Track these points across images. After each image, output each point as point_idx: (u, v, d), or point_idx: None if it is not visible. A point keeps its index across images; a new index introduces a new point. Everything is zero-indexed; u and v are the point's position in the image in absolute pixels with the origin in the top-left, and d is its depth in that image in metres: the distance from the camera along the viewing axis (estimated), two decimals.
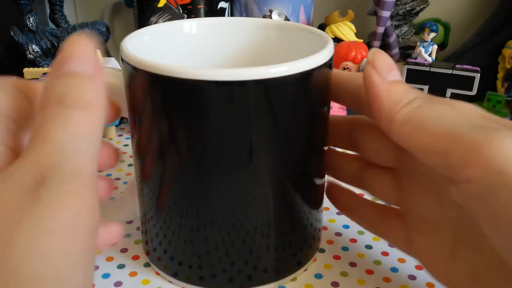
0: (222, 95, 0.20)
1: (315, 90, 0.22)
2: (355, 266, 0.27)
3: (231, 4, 0.55)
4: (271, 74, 0.20)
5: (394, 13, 0.55)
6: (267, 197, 0.23)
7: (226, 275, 0.24)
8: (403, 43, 0.56)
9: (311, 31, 0.26)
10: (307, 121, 0.23)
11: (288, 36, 0.28)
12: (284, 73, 0.20)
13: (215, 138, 0.21)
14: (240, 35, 0.29)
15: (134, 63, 0.21)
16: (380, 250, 0.28)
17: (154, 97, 0.21)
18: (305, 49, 0.24)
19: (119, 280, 0.26)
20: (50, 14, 0.56)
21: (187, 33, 0.28)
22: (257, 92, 0.20)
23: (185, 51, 0.28)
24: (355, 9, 0.54)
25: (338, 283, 0.26)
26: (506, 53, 0.46)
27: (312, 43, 0.25)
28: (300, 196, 0.24)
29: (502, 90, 0.47)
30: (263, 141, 0.21)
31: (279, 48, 0.28)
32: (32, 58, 0.50)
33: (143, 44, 0.25)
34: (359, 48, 0.47)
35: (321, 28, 0.54)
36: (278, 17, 0.47)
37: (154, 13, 0.50)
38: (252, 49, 0.29)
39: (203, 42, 0.29)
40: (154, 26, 0.27)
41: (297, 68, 0.20)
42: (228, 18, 0.30)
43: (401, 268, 0.27)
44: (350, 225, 0.31)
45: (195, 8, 0.50)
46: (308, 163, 0.24)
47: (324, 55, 0.22)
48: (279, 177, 0.23)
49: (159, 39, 0.27)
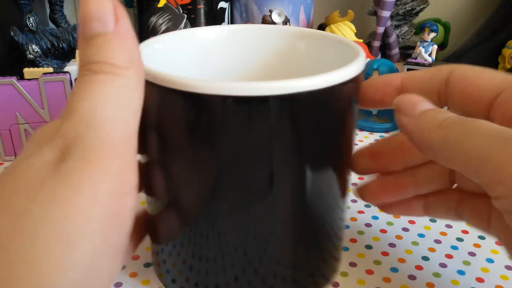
0: (240, 113, 0.17)
1: (345, 107, 0.20)
2: (355, 266, 0.27)
3: (231, 4, 0.55)
4: (296, 88, 0.17)
5: (394, 13, 0.55)
6: (287, 231, 0.20)
7: None
8: (403, 43, 0.56)
9: (342, 42, 0.24)
10: (335, 142, 0.20)
11: (315, 46, 0.25)
12: (312, 87, 0.17)
13: (231, 161, 0.18)
14: (262, 43, 0.26)
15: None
16: (380, 250, 0.28)
17: (162, 115, 0.18)
18: (334, 61, 0.22)
19: (119, 281, 0.26)
20: (50, 14, 0.56)
21: (204, 42, 0.26)
22: (280, 109, 0.17)
23: (200, 62, 0.26)
24: (355, 9, 0.54)
25: (338, 283, 0.26)
26: (506, 53, 0.46)
27: (341, 54, 0.23)
28: (324, 231, 0.22)
29: None
30: (286, 166, 0.19)
31: (305, 59, 0.26)
32: (32, 58, 0.50)
33: (154, 55, 0.23)
34: None
35: (321, 28, 0.54)
36: (278, 17, 0.47)
37: (154, 13, 0.50)
38: (276, 61, 0.26)
39: (220, 52, 0.26)
40: (167, 35, 0.24)
41: (326, 81, 0.18)
42: (248, 26, 0.27)
43: (401, 268, 0.27)
44: (350, 225, 0.31)
45: (195, 8, 0.50)
46: (334, 191, 0.21)
47: (356, 67, 0.19)
48: (302, 207, 0.20)
49: (172, 49, 0.25)
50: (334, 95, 0.19)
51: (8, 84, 0.36)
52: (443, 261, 0.27)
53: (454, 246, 0.28)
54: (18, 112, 0.37)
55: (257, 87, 0.17)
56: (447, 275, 0.26)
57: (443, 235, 0.29)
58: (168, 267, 0.23)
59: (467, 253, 0.28)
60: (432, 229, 0.30)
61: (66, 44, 0.53)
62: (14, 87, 0.37)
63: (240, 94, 0.17)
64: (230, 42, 0.26)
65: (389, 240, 0.29)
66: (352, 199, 0.34)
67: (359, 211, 0.32)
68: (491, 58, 0.49)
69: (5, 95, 0.37)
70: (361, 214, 0.32)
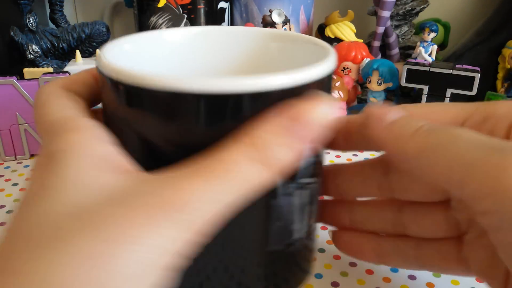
0: (211, 110, 0.17)
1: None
2: (355, 266, 0.27)
3: (231, 4, 0.55)
4: (270, 85, 0.17)
5: (394, 13, 0.55)
6: (259, 223, 0.20)
7: None
8: (403, 43, 0.56)
9: (314, 43, 0.24)
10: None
11: (288, 48, 0.25)
12: (286, 85, 0.18)
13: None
14: (233, 46, 0.26)
15: (108, 72, 0.18)
16: None
17: (130, 113, 0.18)
18: (306, 62, 0.22)
19: None
20: (50, 14, 0.56)
21: (173, 43, 0.26)
22: (252, 105, 0.17)
23: (169, 64, 0.25)
24: (355, 9, 0.54)
25: (338, 283, 0.26)
26: (506, 53, 0.46)
27: (314, 55, 0.23)
28: (294, 219, 0.22)
29: (502, 90, 0.47)
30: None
31: (277, 61, 0.26)
32: (32, 58, 0.50)
33: (124, 55, 0.22)
34: (359, 48, 0.47)
35: (321, 28, 0.54)
36: (278, 17, 0.47)
37: (154, 13, 0.50)
38: (247, 63, 0.26)
39: (190, 54, 0.26)
40: (136, 35, 0.24)
41: (300, 78, 0.18)
42: (217, 28, 0.27)
43: (401, 268, 0.27)
44: None
45: (195, 8, 0.50)
46: (308, 182, 0.21)
47: (328, 65, 0.20)
48: (275, 201, 0.20)
49: (142, 50, 0.24)
50: (306, 93, 0.19)
51: (8, 84, 0.36)
52: None
53: None
54: (18, 112, 0.37)
55: (229, 83, 0.17)
56: (447, 275, 0.26)
57: None
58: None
59: None
60: None
61: (66, 44, 0.53)
62: (14, 87, 0.37)
63: (213, 91, 0.17)
64: (200, 44, 0.26)
65: None
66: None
67: None
68: (491, 58, 0.49)
69: (5, 95, 0.37)
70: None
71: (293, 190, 0.20)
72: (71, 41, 0.53)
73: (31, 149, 0.39)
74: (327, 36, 0.52)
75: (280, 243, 0.21)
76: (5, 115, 0.37)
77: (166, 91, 0.17)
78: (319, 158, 0.21)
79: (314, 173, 0.21)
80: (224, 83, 0.17)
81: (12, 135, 0.38)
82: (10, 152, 0.39)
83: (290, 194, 0.20)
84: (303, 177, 0.20)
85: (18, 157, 0.39)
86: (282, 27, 0.47)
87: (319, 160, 0.22)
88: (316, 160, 0.21)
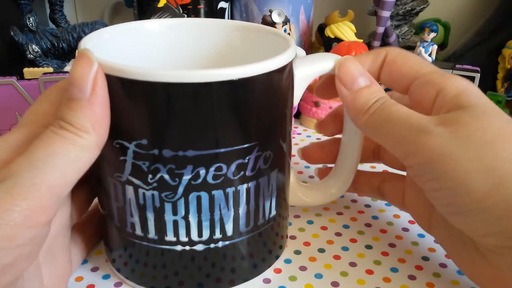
0: (177, 97, 0.20)
1: (277, 91, 0.23)
2: (355, 266, 0.27)
3: (231, 4, 0.55)
4: (235, 75, 0.20)
5: (394, 13, 0.55)
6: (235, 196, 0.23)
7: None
8: (403, 43, 0.56)
9: (275, 33, 0.27)
10: (266, 121, 0.23)
11: (251, 37, 0.28)
12: (249, 74, 0.20)
13: (179, 133, 0.21)
14: (203, 36, 0.29)
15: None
16: (380, 250, 0.28)
17: (111, 102, 0.21)
18: (268, 50, 0.25)
19: (119, 281, 0.26)
20: (50, 14, 0.56)
21: (149, 34, 0.28)
22: (220, 93, 0.20)
23: (147, 53, 0.28)
24: (355, 9, 0.54)
25: (338, 283, 0.26)
26: (506, 53, 0.46)
27: (275, 44, 0.25)
28: (263, 195, 0.24)
29: (502, 90, 0.47)
30: (228, 138, 0.21)
31: (242, 49, 0.28)
32: (32, 58, 0.50)
33: (103, 45, 0.24)
34: (359, 48, 0.47)
35: (321, 28, 0.54)
36: (278, 17, 0.47)
37: (154, 13, 0.50)
38: (215, 51, 0.29)
39: (165, 43, 0.28)
40: (115, 26, 0.27)
41: (261, 69, 0.21)
42: (191, 19, 0.30)
43: (401, 268, 0.27)
44: (350, 225, 0.31)
45: (195, 8, 0.50)
46: (274, 162, 0.24)
47: (287, 56, 0.22)
48: (237, 178, 0.22)
49: (120, 40, 0.27)
50: (269, 80, 0.22)
51: (8, 84, 0.36)
52: (443, 261, 0.27)
53: None
54: (18, 112, 0.37)
55: (201, 75, 0.19)
56: (447, 275, 0.26)
57: None
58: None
59: None
60: None
61: (66, 44, 0.53)
62: (14, 87, 0.37)
63: (187, 81, 0.19)
64: (174, 35, 0.29)
65: (389, 240, 0.29)
66: (352, 199, 0.34)
67: (359, 211, 0.32)
68: (491, 58, 0.49)
69: (5, 95, 0.37)
70: (361, 214, 0.32)
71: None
72: (71, 41, 0.53)
73: None
74: (327, 36, 0.52)
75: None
76: (5, 115, 0.37)
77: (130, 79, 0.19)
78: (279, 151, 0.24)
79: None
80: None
81: None
82: None
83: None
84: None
85: None
86: (282, 27, 0.47)
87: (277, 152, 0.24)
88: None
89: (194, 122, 0.20)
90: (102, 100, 0.20)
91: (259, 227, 0.24)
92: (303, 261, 0.27)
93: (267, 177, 0.24)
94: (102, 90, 0.20)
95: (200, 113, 0.20)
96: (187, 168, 0.21)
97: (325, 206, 0.33)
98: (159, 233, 0.23)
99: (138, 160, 0.21)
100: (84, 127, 0.20)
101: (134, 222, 0.23)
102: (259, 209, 0.24)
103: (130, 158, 0.21)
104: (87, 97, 0.20)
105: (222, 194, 0.22)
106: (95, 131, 0.20)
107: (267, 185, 0.24)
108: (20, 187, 0.18)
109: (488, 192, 0.20)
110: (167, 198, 0.22)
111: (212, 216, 0.22)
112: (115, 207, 0.23)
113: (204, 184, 0.22)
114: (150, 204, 0.22)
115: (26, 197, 0.18)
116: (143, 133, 0.21)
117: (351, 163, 0.29)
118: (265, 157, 0.23)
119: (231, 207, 0.23)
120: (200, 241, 0.23)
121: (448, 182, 0.21)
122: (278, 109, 0.23)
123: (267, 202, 0.24)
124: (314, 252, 0.28)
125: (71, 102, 0.20)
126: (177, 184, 0.21)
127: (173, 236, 0.23)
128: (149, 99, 0.20)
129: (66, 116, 0.20)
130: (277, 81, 0.22)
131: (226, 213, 0.23)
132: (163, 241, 0.23)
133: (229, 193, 0.22)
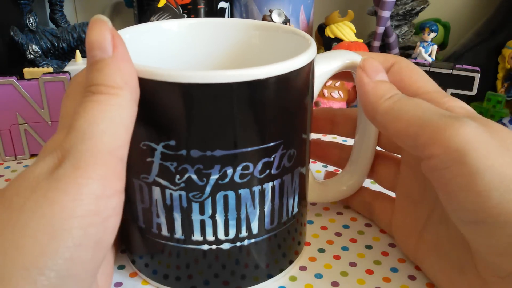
0: (206, 98, 0.20)
1: (300, 90, 0.23)
2: (355, 266, 0.27)
3: (231, 4, 0.55)
4: (255, 76, 0.20)
5: (394, 13, 0.55)
6: (253, 198, 0.23)
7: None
8: (403, 43, 0.56)
9: (294, 32, 0.27)
10: (290, 120, 0.23)
11: (270, 36, 0.28)
12: (277, 73, 0.20)
13: (200, 135, 0.21)
14: (222, 36, 0.29)
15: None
16: (380, 250, 0.28)
17: (138, 105, 0.21)
18: (287, 49, 0.25)
19: (119, 281, 0.26)
20: (50, 14, 0.56)
21: (168, 34, 0.28)
22: (241, 93, 0.20)
23: (165, 53, 0.28)
24: (355, 9, 0.54)
25: (338, 283, 0.26)
26: (506, 53, 0.46)
27: (293, 43, 0.25)
28: (286, 193, 0.24)
29: (502, 90, 0.47)
30: (255, 137, 0.21)
31: (261, 48, 0.29)
32: (32, 58, 0.50)
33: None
34: (359, 48, 0.47)
35: (321, 28, 0.54)
36: (278, 17, 0.47)
37: (154, 13, 0.50)
38: (234, 50, 0.29)
39: (184, 43, 0.29)
40: (135, 27, 0.27)
41: (281, 69, 0.21)
42: (210, 19, 0.30)
43: (401, 268, 0.27)
44: (350, 225, 0.31)
45: (195, 8, 0.50)
46: (297, 159, 0.24)
47: (310, 54, 0.23)
48: (263, 176, 0.23)
49: (140, 40, 0.27)
50: (289, 80, 0.22)
51: (8, 84, 0.36)
52: None
53: None
54: (18, 112, 0.37)
55: (221, 75, 0.19)
56: None
57: None
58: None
59: None
60: None
61: (66, 44, 0.53)
62: (14, 87, 0.37)
63: (206, 82, 0.19)
64: (193, 33, 0.29)
65: (389, 240, 0.29)
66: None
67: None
68: (491, 58, 0.48)
69: (5, 95, 0.37)
70: (361, 214, 0.32)
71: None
72: (71, 41, 0.53)
73: (31, 149, 0.39)
74: (327, 36, 0.52)
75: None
76: (5, 115, 0.37)
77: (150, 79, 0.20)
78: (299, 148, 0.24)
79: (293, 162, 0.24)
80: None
81: (12, 135, 0.38)
82: (10, 152, 0.39)
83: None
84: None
85: (18, 157, 0.39)
86: None
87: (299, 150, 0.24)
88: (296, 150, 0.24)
89: (221, 122, 0.20)
90: (125, 55, 0.19)
91: (283, 224, 0.24)
92: (303, 261, 0.27)
93: (290, 174, 0.24)
94: (122, 47, 0.19)
95: (228, 113, 0.20)
96: (215, 168, 0.21)
97: (324, 206, 0.33)
98: (186, 233, 0.23)
99: (165, 161, 0.21)
100: (116, 83, 0.19)
101: (161, 223, 0.23)
102: (283, 207, 0.24)
103: (157, 160, 0.21)
104: (110, 54, 0.19)
105: (248, 192, 0.22)
106: (127, 85, 0.19)
107: (291, 182, 0.24)
108: (83, 160, 0.17)
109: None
110: (194, 198, 0.22)
111: (239, 215, 0.23)
112: (140, 209, 0.23)
113: (231, 183, 0.22)
114: (178, 205, 0.22)
115: (95, 168, 0.17)
116: (171, 134, 0.21)
117: (365, 163, 0.29)
118: (289, 155, 0.23)
119: (257, 205, 0.23)
120: (226, 239, 0.23)
121: (478, 185, 0.19)
122: (301, 107, 0.23)
123: (290, 199, 0.24)
124: (314, 252, 0.28)
125: (96, 65, 0.19)
126: (204, 184, 0.21)
127: (200, 235, 0.23)
128: (178, 100, 0.20)
129: (95, 79, 0.19)
130: (300, 79, 0.22)
131: (252, 211, 0.23)
132: (190, 241, 0.23)
133: (255, 191, 0.22)
